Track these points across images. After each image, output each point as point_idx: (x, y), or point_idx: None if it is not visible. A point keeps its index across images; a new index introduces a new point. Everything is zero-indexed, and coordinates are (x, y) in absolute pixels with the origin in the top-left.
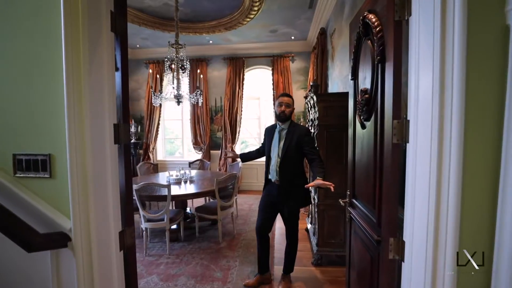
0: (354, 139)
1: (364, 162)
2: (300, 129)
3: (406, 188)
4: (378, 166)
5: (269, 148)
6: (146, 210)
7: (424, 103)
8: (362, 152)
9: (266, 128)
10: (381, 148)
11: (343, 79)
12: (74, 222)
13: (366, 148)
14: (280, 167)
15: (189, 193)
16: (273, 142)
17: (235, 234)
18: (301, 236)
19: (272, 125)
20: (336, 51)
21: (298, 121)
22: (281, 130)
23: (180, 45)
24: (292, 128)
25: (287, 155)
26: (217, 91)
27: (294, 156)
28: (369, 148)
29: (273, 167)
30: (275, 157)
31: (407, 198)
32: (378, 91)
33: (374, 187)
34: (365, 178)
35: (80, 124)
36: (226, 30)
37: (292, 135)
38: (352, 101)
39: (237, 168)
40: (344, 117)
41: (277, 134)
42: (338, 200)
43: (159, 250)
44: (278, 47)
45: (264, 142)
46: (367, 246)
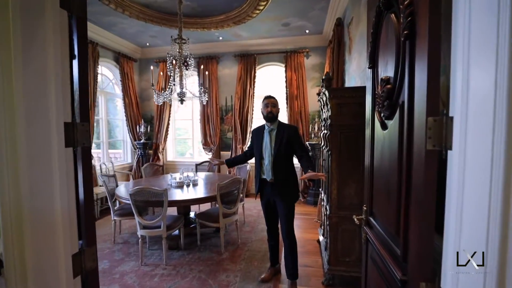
0: (372, 143)
1: (384, 172)
2: (289, 129)
3: (447, 212)
4: (404, 179)
5: (260, 149)
6: (142, 216)
7: (480, 94)
8: (382, 159)
9: (253, 130)
10: (409, 155)
11: (361, 73)
12: (6, 245)
13: (388, 154)
14: (273, 166)
15: (187, 199)
16: (264, 143)
17: (239, 244)
18: (313, 248)
19: (259, 127)
20: (354, 42)
21: (313, 120)
22: (270, 130)
23: (184, 39)
24: (281, 128)
25: (279, 153)
26: (228, 89)
27: (285, 154)
28: (391, 155)
29: (267, 167)
30: (268, 156)
31: (449, 225)
32: (405, 78)
33: (397, 206)
34: (385, 193)
35: (11, 125)
36: (235, 24)
37: (282, 135)
38: (370, 95)
39: (244, 171)
40: (361, 116)
41: (267, 135)
42: (353, 212)
43: (156, 259)
44: (291, 42)
45: (252, 144)
46: (387, 282)
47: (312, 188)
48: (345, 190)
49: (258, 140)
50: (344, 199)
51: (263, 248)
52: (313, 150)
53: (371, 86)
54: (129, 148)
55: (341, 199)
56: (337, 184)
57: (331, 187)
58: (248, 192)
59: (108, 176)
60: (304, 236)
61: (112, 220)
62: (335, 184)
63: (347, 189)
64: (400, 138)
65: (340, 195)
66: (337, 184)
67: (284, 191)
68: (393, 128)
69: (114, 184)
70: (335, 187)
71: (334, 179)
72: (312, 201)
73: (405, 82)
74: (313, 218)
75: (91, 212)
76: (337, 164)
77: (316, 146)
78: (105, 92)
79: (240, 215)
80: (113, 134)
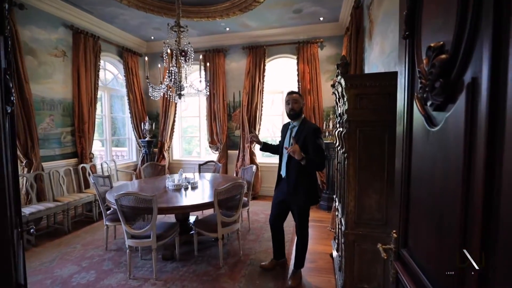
0: (407, 144)
1: (431, 189)
2: (309, 127)
3: None
4: (478, 207)
5: (282, 144)
6: (130, 224)
7: None
8: (427, 170)
9: (283, 125)
10: (491, 170)
11: (385, 59)
12: None
13: (441, 162)
14: (288, 164)
15: (180, 205)
16: (286, 139)
17: (241, 256)
18: (325, 263)
19: (288, 122)
20: (376, 24)
21: (327, 117)
22: (293, 127)
23: (182, 27)
24: (302, 126)
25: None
26: (235, 84)
27: None
28: (446, 162)
29: (284, 163)
30: (286, 153)
31: None
32: (480, 37)
33: (462, 242)
34: (433, 221)
35: None
36: (241, 12)
37: (300, 133)
38: (404, 78)
39: (250, 172)
40: (386, 109)
41: (289, 132)
42: (374, 229)
43: (147, 271)
44: (304, 31)
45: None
46: None
47: (326, 192)
48: (364, 202)
49: (283, 135)
50: (363, 212)
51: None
52: (327, 150)
53: (407, 64)
54: (134, 146)
55: (360, 213)
56: (355, 194)
57: (348, 197)
58: (255, 194)
59: (102, 177)
60: (316, 249)
61: (104, 226)
62: (352, 195)
63: (367, 200)
64: (469, 141)
65: (359, 208)
66: (354, 194)
67: (296, 191)
68: (452, 124)
69: (109, 185)
70: (353, 198)
71: (351, 188)
72: (326, 206)
73: (484, 44)
74: (326, 225)
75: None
76: (355, 170)
77: (330, 146)
78: (108, 88)
79: (245, 221)
80: (121, 131)
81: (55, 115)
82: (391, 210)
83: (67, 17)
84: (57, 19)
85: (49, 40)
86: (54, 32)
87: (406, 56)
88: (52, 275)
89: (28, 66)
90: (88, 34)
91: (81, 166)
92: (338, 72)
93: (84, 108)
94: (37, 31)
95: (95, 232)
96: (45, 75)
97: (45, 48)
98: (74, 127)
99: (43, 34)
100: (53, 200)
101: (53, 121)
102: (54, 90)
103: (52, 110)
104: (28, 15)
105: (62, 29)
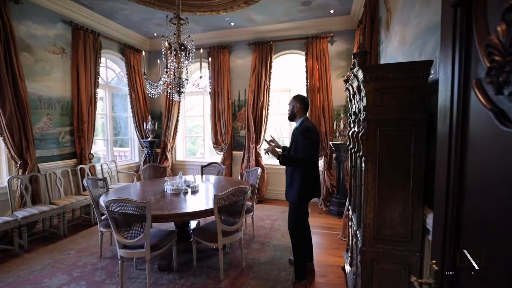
0: (458, 149)
1: (506, 205)
2: (300, 128)
3: None
4: None
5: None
6: (121, 232)
7: None
8: (495, 180)
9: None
10: None
11: (407, 50)
12: None
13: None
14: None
15: (176, 213)
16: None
17: (243, 267)
18: (336, 278)
19: None
20: (395, 12)
21: (337, 117)
22: (295, 128)
23: (182, 19)
24: (298, 126)
25: (289, 151)
26: (241, 82)
27: (293, 152)
28: None
29: None
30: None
31: None
32: None
33: None
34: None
35: None
36: (246, 5)
37: (295, 133)
38: (452, 62)
39: (254, 175)
40: (412, 106)
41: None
42: (397, 246)
43: (141, 283)
44: (313, 25)
45: None
46: None
47: (336, 196)
48: (385, 214)
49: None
50: (383, 226)
51: (272, 275)
52: (338, 151)
53: (459, 42)
54: (137, 147)
55: (380, 227)
56: (374, 205)
57: (366, 209)
58: (261, 197)
59: (97, 179)
60: (326, 260)
61: (99, 232)
62: (371, 205)
63: (388, 213)
64: None
65: (379, 221)
66: (374, 205)
67: (292, 186)
68: None
69: (104, 188)
70: (371, 210)
71: (370, 199)
72: (336, 212)
73: None
74: (337, 233)
75: None
76: (374, 177)
77: (341, 147)
78: (110, 87)
79: (249, 227)
80: (124, 131)
81: (53, 114)
82: (417, 225)
83: (66, 12)
84: (55, 14)
85: (47, 36)
86: (52, 28)
87: (457, 31)
88: (40, 285)
89: (24, 63)
90: (88, 30)
91: (80, 167)
92: (354, 62)
93: (83, 107)
94: (33, 27)
95: (91, 237)
96: (42, 72)
97: (42, 45)
98: (73, 127)
99: (41, 29)
100: (50, 203)
101: (50, 120)
102: (51, 88)
103: (49, 109)
104: (24, 9)
105: (60, 25)
